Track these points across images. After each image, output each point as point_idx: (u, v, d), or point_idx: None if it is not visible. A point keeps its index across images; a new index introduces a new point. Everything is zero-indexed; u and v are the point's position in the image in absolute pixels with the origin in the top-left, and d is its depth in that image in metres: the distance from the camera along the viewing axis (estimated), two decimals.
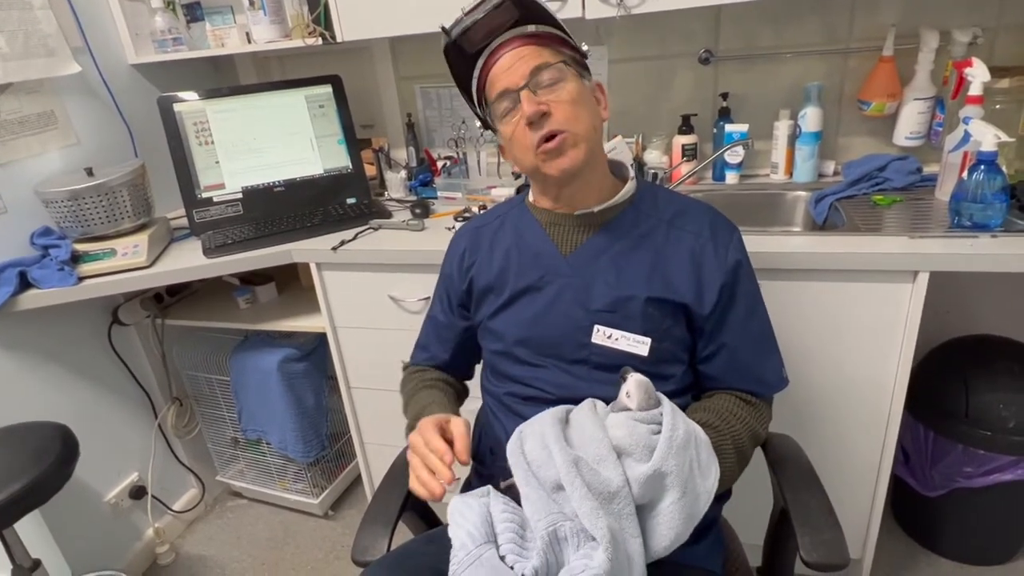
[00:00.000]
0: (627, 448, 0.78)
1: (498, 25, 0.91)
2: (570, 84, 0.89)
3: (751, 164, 1.71)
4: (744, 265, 0.95)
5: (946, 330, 1.57)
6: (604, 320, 0.93)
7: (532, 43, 0.90)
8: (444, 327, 1.12)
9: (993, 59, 1.42)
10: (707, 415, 0.91)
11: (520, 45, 0.90)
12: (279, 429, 1.84)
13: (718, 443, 0.87)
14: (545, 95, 0.88)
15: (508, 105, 0.90)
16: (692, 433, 0.81)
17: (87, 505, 1.72)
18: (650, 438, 0.78)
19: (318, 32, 1.61)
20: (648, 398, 0.80)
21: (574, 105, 0.89)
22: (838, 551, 0.80)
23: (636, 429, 0.79)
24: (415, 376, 1.12)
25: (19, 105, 1.51)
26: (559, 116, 0.88)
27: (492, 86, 0.92)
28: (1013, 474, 1.39)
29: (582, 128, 0.89)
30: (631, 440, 0.78)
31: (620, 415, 0.81)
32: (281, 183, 1.72)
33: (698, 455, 0.80)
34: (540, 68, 0.88)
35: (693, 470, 0.79)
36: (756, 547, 1.05)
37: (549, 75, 0.88)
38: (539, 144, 0.89)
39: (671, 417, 0.79)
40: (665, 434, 0.78)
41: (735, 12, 1.60)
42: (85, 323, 1.70)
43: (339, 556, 1.84)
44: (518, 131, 0.90)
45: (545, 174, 0.92)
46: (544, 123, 0.88)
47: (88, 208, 1.49)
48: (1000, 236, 1.17)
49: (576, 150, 0.89)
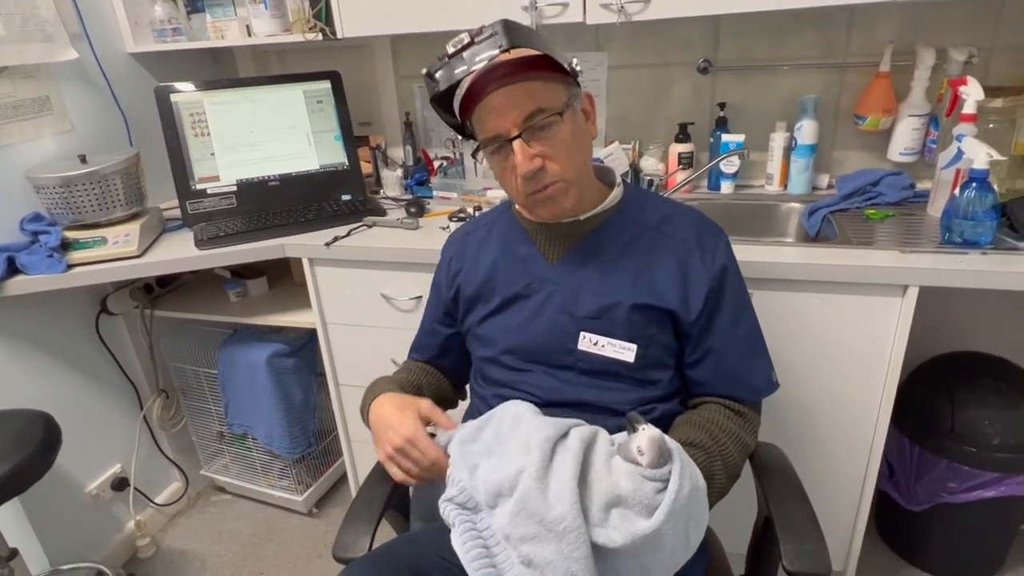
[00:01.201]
0: (628, 501, 0.76)
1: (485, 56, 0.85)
2: (564, 129, 0.86)
3: (746, 174, 1.72)
4: (731, 270, 0.95)
5: (933, 346, 1.58)
6: (590, 327, 0.93)
7: (521, 77, 0.83)
8: (429, 333, 1.14)
9: (988, 78, 1.44)
10: (697, 433, 0.90)
11: (509, 81, 0.84)
12: (266, 424, 1.83)
13: (708, 465, 0.87)
14: (538, 144, 0.85)
15: (498, 147, 0.87)
16: (695, 489, 0.78)
17: (68, 495, 1.70)
18: (654, 497, 0.76)
19: (319, 27, 1.61)
20: (660, 455, 0.77)
21: (568, 154, 0.87)
22: (820, 561, 0.80)
23: (642, 486, 0.76)
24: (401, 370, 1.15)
25: (14, 89, 1.50)
26: (553, 168, 0.87)
27: (479, 122, 0.88)
28: (996, 491, 1.40)
29: (573, 174, 0.89)
30: (635, 496, 0.76)
31: (628, 465, 0.79)
32: (276, 177, 1.72)
33: (696, 511, 0.79)
34: (534, 115, 0.84)
35: (687, 526, 0.77)
36: (738, 556, 1.06)
37: (543, 122, 0.85)
38: (530, 192, 0.89)
39: (679, 477, 0.76)
40: (670, 496, 0.75)
41: (734, 23, 1.61)
42: (73, 311, 1.69)
43: (322, 554, 1.83)
44: (508, 174, 0.89)
45: (534, 213, 0.94)
46: (538, 177, 0.87)
47: (80, 195, 1.48)
48: (990, 253, 1.18)
49: (566, 198, 0.90)
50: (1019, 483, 1.39)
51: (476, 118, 0.88)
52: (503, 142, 0.86)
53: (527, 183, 0.87)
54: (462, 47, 0.84)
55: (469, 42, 0.84)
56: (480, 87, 0.85)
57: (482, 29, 0.84)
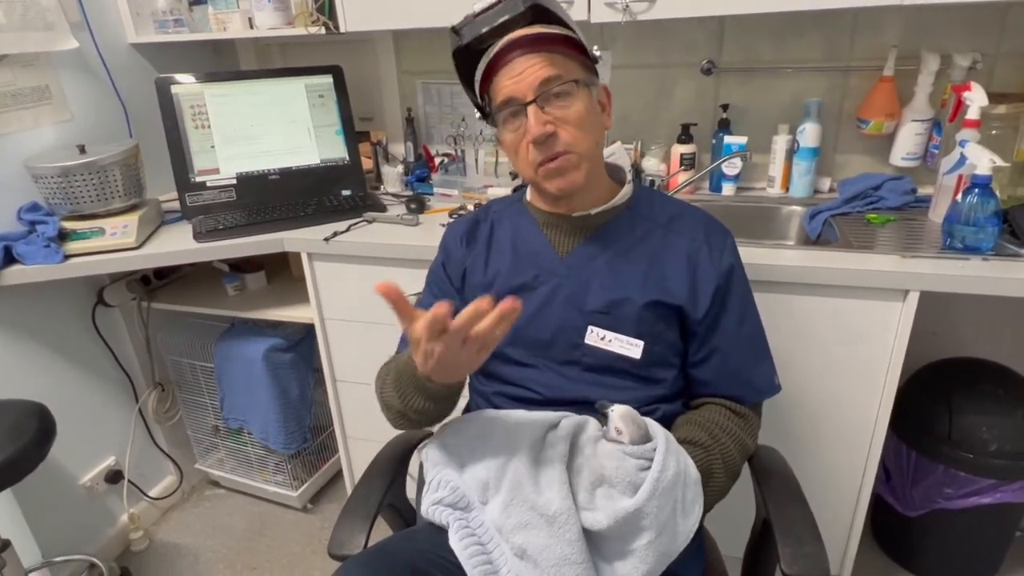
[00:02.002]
0: (611, 480, 0.77)
1: (510, 23, 0.88)
2: (579, 103, 0.87)
3: (748, 177, 1.72)
4: (737, 269, 0.95)
5: (932, 352, 1.58)
6: (598, 321, 0.92)
7: (543, 48, 0.86)
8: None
9: (992, 85, 1.44)
10: (697, 432, 0.90)
11: (530, 51, 0.86)
12: (262, 419, 1.82)
13: (708, 463, 0.87)
14: (553, 111, 0.86)
15: (512, 113, 0.88)
16: (682, 473, 0.79)
17: (61, 487, 1.69)
18: (637, 474, 0.77)
19: (321, 21, 1.60)
20: (638, 428, 0.79)
21: (580, 125, 0.88)
22: (819, 564, 0.79)
23: (625, 463, 0.77)
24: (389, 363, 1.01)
25: (13, 77, 1.49)
26: (564, 137, 0.87)
27: (497, 89, 0.89)
28: (992, 497, 1.40)
29: (585, 148, 0.89)
30: (618, 474, 0.77)
31: (611, 446, 0.80)
32: (276, 171, 1.71)
33: (683, 495, 0.79)
34: (550, 80, 0.85)
35: (675, 511, 0.78)
36: (734, 559, 1.05)
37: (558, 89, 0.86)
38: (541, 163, 0.88)
39: (663, 456, 0.78)
40: (653, 474, 0.76)
41: (739, 24, 1.60)
42: (69, 302, 1.68)
43: (316, 550, 1.82)
44: (520, 144, 0.89)
45: (543, 188, 0.92)
46: (549, 144, 0.87)
47: (78, 186, 1.47)
48: (991, 259, 1.18)
49: (577, 172, 0.90)
50: (1015, 490, 1.39)
51: (495, 85, 0.89)
52: (518, 107, 0.87)
53: (537, 150, 0.87)
54: (488, 7, 0.88)
55: (497, 1, 0.87)
56: (502, 52, 0.87)
57: None
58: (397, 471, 1.02)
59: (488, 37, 0.88)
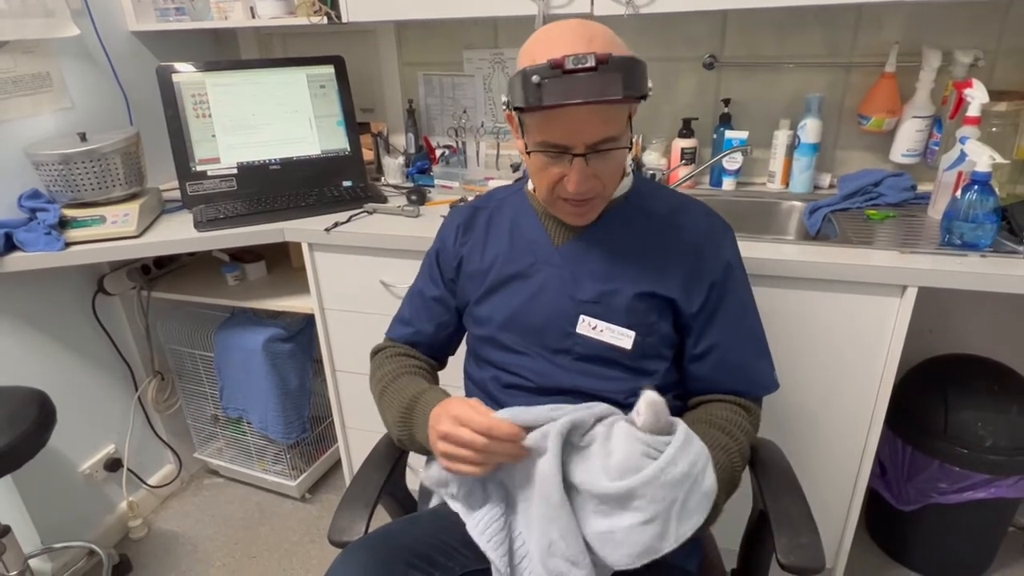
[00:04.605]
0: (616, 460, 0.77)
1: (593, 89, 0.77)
2: (622, 153, 0.86)
3: (748, 171, 1.72)
4: (736, 266, 0.95)
5: (928, 348, 1.59)
6: (590, 311, 0.93)
7: (605, 98, 0.77)
8: (433, 300, 1.07)
9: (992, 82, 1.44)
10: (716, 434, 0.89)
11: (593, 99, 0.76)
12: (261, 409, 1.83)
13: (731, 467, 0.86)
14: (596, 163, 0.84)
15: (553, 150, 0.84)
16: (691, 476, 0.76)
17: (61, 474, 1.70)
18: (640, 459, 0.75)
19: (324, 11, 1.59)
20: (657, 421, 0.77)
21: (617, 175, 0.89)
22: (815, 555, 0.80)
23: (632, 448, 0.76)
24: (393, 360, 1.06)
25: (13, 64, 1.48)
26: (598, 188, 0.87)
27: (545, 124, 0.82)
28: (987, 492, 1.41)
29: (613, 189, 0.91)
30: (625, 455, 0.76)
31: (627, 427, 0.79)
32: (277, 161, 1.71)
33: (686, 499, 0.76)
34: (606, 141, 0.82)
35: (671, 509, 0.75)
36: (729, 552, 1.06)
37: (610, 147, 0.83)
38: (565, 199, 0.88)
39: (675, 451, 0.75)
40: (658, 464, 0.74)
41: (741, 19, 1.60)
42: (69, 290, 1.68)
43: (314, 539, 1.83)
44: (548, 172, 0.86)
45: (556, 211, 0.94)
46: (587, 192, 0.86)
47: (79, 173, 1.47)
48: (989, 256, 1.19)
49: (599, 209, 0.92)
50: (1009, 485, 1.40)
51: (542, 118, 0.82)
52: (561, 149, 0.83)
53: (568, 191, 0.86)
54: (584, 68, 0.75)
55: (593, 67, 0.75)
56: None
57: (610, 59, 0.76)
58: (397, 460, 1.03)
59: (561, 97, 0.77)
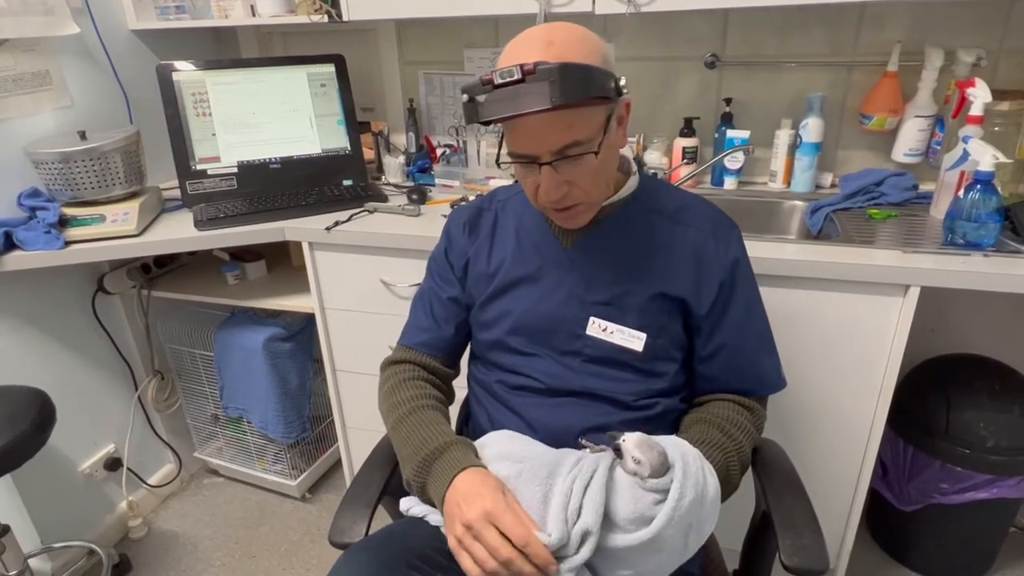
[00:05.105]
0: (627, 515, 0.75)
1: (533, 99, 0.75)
2: (595, 157, 0.82)
3: (750, 171, 1.72)
4: (743, 263, 0.95)
5: (931, 348, 1.59)
6: (600, 313, 0.92)
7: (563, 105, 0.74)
8: (450, 301, 1.03)
9: (995, 81, 1.43)
10: (712, 432, 0.89)
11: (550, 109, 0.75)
12: (261, 408, 1.82)
13: (726, 464, 0.86)
14: (568, 169, 0.81)
15: (521, 160, 0.83)
16: (698, 498, 0.75)
17: (61, 474, 1.70)
18: (651, 508, 0.75)
19: (324, 9, 1.59)
20: (657, 453, 0.75)
21: (595, 177, 0.85)
22: (818, 556, 0.80)
23: (642, 499, 0.75)
24: (411, 386, 0.99)
25: (13, 62, 1.48)
26: (578, 193, 0.85)
27: (513, 139, 0.83)
28: (988, 492, 1.41)
29: (598, 195, 0.89)
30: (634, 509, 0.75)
31: (629, 478, 0.77)
32: (277, 160, 1.70)
33: (699, 519, 0.76)
34: (570, 147, 0.80)
35: (688, 533, 0.76)
36: (731, 552, 1.06)
37: (577, 151, 0.80)
38: (550, 207, 0.88)
39: (680, 485, 0.74)
40: (669, 505, 0.73)
41: (743, 18, 1.60)
42: (69, 289, 1.67)
43: (314, 539, 1.83)
44: (530, 184, 0.86)
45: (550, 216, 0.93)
46: (561, 200, 0.85)
47: (79, 172, 1.47)
48: (992, 256, 1.19)
49: (587, 214, 0.90)
50: (1011, 485, 1.40)
51: (508, 130, 0.82)
52: (530, 160, 0.83)
53: (548, 199, 0.86)
54: (511, 81, 0.74)
55: (519, 79, 0.74)
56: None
57: (536, 68, 0.73)
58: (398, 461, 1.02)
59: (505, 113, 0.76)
